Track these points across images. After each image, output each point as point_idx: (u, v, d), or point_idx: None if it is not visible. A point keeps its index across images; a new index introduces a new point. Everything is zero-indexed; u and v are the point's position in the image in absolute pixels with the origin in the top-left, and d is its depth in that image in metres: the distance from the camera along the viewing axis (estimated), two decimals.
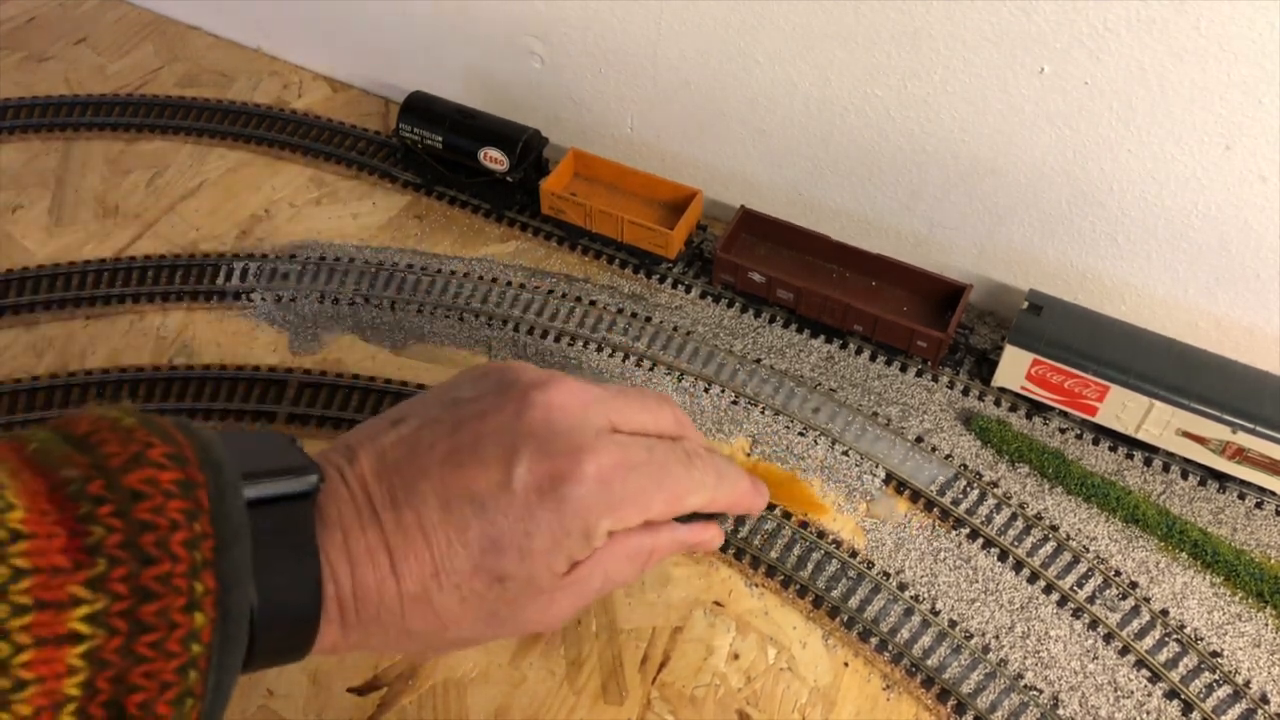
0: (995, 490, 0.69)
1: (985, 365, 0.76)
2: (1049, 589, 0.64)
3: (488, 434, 0.39)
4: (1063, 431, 0.73)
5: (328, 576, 0.35)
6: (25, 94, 0.98)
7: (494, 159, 0.83)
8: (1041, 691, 0.60)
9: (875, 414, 0.73)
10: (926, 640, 0.62)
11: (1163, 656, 0.61)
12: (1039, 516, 0.67)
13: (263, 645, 0.33)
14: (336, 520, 0.36)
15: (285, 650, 0.35)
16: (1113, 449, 0.71)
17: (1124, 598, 0.63)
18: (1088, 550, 0.66)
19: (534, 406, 0.40)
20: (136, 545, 0.28)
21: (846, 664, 0.61)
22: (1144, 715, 0.59)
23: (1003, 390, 0.74)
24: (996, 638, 0.62)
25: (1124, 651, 0.61)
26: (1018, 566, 0.65)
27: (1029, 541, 0.66)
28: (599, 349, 0.77)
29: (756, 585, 0.64)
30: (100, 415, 0.31)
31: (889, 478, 0.70)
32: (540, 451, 0.39)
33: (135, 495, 0.29)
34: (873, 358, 0.77)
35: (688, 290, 0.82)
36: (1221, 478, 0.69)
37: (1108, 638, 0.62)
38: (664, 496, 0.42)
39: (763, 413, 0.73)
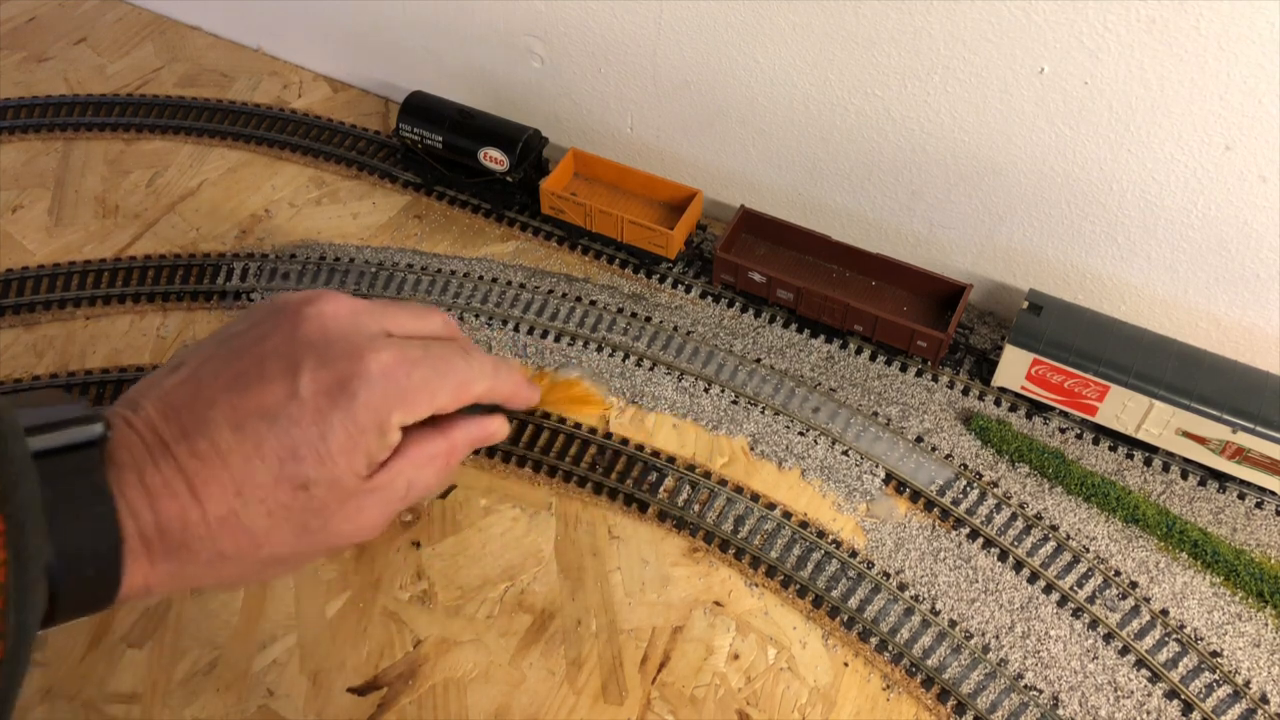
0: (995, 490, 0.69)
1: (985, 365, 0.76)
2: (1049, 589, 0.64)
3: (267, 354, 0.40)
4: (1063, 431, 0.73)
5: (125, 514, 0.36)
6: (25, 94, 0.98)
7: (494, 159, 0.83)
8: (1041, 691, 0.60)
9: (875, 414, 0.73)
10: (926, 640, 0.62)
11: (1163, 656, 0.61)
12: (1039, 516, 0.67)
13: (67, 590, 0.33)
14: (128, 461, 0.37)
15: (94, 592, 0.35)
16: (1113, 449, 0.71)
17: (1124, 598, 0.63)
18: (1088, 550, 0.66)
19: (307, 320, 0.41)
20: None
21: (846, 664, 0.61)
22: (1144, 715, 0.59)
23: (1003, 390, 0.74)
24: (996, 638, 0.62)
25: (1124, 651, 0.61)
26: (1018, 566, 0.65)
27: (1029, 541, 0.66)
28: (599, 349, 0.77)
29: (756, 585, 0.64)
30: None
31: (889, 477, 0.70)
32: (321, 359, 0.40)
33: None
34: (873, 358, 0.77)
35: (688, 290, 0.82)
36: (1221, 478, 0.69)
37: (1108, 638, 0.62)
38: (449, 385, 0.43)
39: (763, 412, 0.73)
